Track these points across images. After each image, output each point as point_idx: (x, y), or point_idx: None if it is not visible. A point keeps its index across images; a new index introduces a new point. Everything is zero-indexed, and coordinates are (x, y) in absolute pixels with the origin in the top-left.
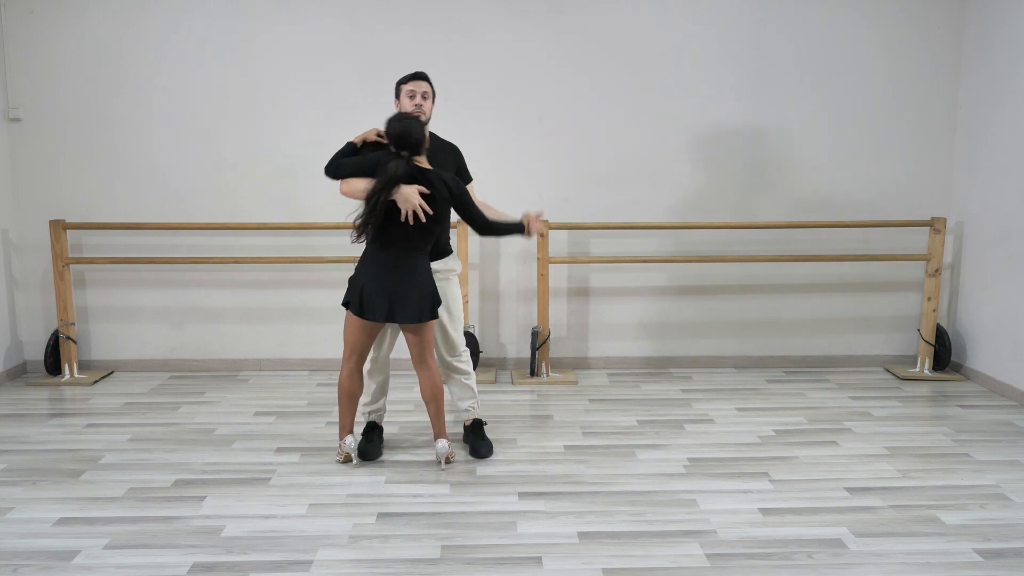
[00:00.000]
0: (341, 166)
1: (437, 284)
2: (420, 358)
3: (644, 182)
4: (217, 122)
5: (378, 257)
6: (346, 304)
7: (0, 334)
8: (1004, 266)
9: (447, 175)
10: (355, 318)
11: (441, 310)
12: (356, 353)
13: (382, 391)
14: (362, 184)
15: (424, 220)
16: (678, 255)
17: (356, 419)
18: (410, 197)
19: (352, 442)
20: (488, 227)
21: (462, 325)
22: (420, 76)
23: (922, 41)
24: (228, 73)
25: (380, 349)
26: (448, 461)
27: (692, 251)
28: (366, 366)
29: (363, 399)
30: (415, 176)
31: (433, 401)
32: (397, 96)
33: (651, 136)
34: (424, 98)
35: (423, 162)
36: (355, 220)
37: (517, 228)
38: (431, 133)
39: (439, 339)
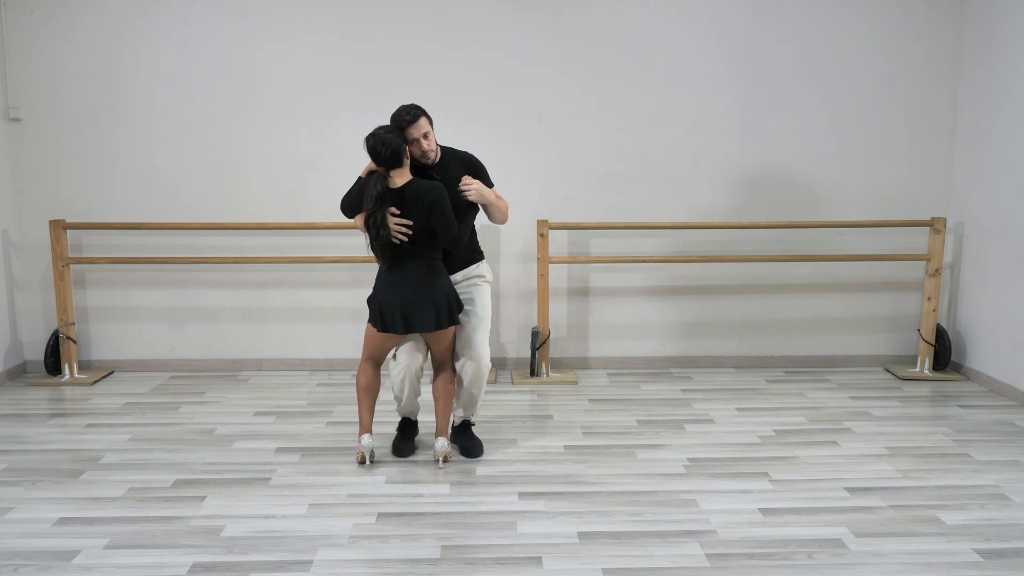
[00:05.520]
0: (347, 203)
1: (466, 291)
2: (440, 359)
3: (644, 182)
4: (217, 122)
5: (389, 274)
6: (371, 321)
7: (0, 334)
8: (1004, 266)
9: (426, 184)
10: (375, 330)
11: (467, 313)
12: (373, 358)
13: (414, 393)
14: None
15: (405, 238)
16: (678, 255)
17: (385, 418)
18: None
19: (369, 441)
20: (457, 240)
21: (486, 331)
22: (415, 117)
23: (922, 41)
24: (228, 73)
25: (415, 357)
26: (446, 460)
27: (692, 251)
28: (401, 372)
29: (394, 397)
30: (391, 193)
31: (443, 398)
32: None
33: (651, 136)
34: (426, 137)
35: (403, 175)
36: (369, 246)
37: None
38: (445, 148)
39: (460, 339)
